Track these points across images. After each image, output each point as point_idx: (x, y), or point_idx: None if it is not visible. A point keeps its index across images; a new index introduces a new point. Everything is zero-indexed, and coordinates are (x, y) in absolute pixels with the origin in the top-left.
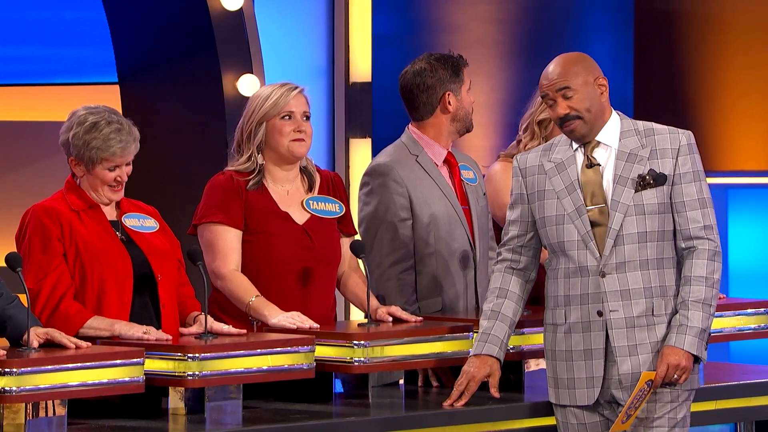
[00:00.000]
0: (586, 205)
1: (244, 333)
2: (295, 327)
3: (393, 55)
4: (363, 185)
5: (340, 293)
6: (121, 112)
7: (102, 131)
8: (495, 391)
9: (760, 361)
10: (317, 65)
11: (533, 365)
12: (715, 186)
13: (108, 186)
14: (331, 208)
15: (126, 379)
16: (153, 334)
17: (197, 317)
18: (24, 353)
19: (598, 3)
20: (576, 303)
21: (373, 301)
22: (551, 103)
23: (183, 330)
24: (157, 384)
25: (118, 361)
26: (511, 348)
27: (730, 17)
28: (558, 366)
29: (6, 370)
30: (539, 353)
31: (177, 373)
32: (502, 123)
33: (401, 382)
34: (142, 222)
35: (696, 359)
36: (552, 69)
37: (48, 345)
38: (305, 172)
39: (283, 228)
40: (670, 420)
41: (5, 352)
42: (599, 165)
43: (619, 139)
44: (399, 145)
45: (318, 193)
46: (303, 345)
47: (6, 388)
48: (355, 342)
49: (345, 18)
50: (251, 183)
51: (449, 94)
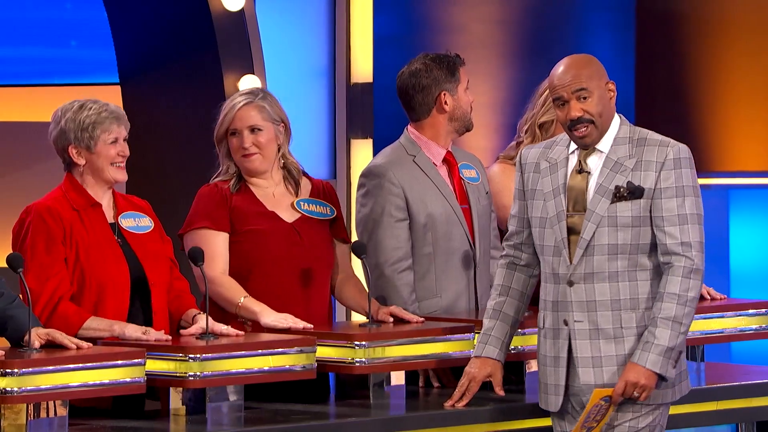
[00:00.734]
0: (567, 211)
1: (243, 334)
2: (288, 327)
3: (394, 56)
4: (360, 187)
5: (337, 301)
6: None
7: (91, 108)
8: (499, 389)
9: (761, 362)
10: (318, 66)
11: (534, 366)
12: (717, 187)
13: (112, 165)
14: (322, 210)
15: (127, 380)
16: (152, 334)
17: (196, 316)
18: (25, 354)
19: (599, 3)
20: (549, 309)
21: (374, 302)
22: (562, 104)
23: (183, 331)
24: (158, 385)
25: (119, 362)
26: (513, 349)
27: (731, 18)
28: (539, 369)
29: (7, 370)
30: None
31: (178, 374)
32: (503, 123)
33: (397, 382)
34: (137, 222)
35: (661, 377)
36: (566, 70)
37: (49, 346)
38: (288, 174)
39: (272, 226)
40: (630, 428)
41: (4, 352)
42: (588, 172)
43: (611, 146)
44: (396, 146)
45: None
46: (304, 346)
47: (7, 388)
48: (357, 343)
49: (346, 18)
50: (233, 185)
51: (445, 93)
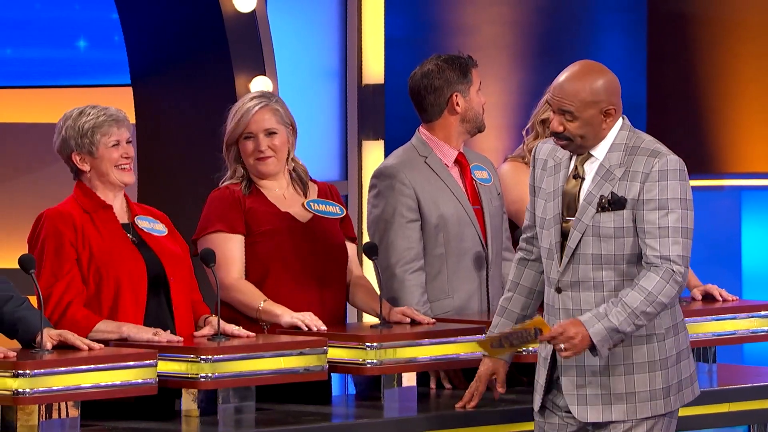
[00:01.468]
0: (563, 216)
1: (254, 335)
2: (306, 328)
3: (406, 57)
4: (371, 188)
5: (349, 303)
6: (134, 113)
7: (90, 114)
8: (500, 386)
9: None
10: (330, 67)
11: None
12: (729, 188)
13: (117, 168)
14: (332, 209)
15: (139, 381)
16: (163, 335)
17: (207, 319)
18: (37, 355)
19: (610, 4)
20: (546, 311)
21: (385, 304)
22: (552, 110)
23: (196, 332)
24: (170, 386)
25: (131, 363)
26: (524, 351)
27: (743, 19)
28: (537, 368)
29: (19, 371)
30: None
31: (190, 375)
32: (514, 125)
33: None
34: (152, 225)
35: (593, 348)
36: (565, 84)
37: (60, 347)
38: (296, 177)
39: (287, 226)
40: None
41: (15, 354)
42: (582, 178)
43: (606, 153)
44: (408, 147)
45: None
46: (316, 347)
47: (19, 389)
48: (368, 344)
49: (358, 20)
50: (243, 187)
51: (457, 95)
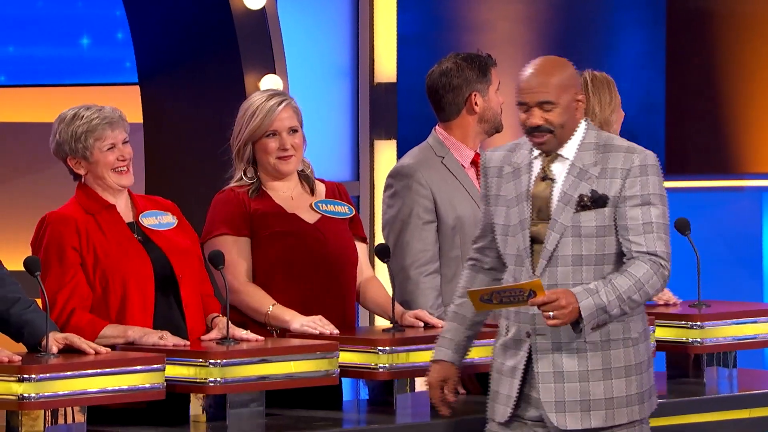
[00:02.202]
0: (531, 220)
1: (263, 339)
2: (317, 332)
3: (419, 55)
4: (387, 188)
5: (359, 305)
6: (142, 113)
7: (83, 117)
8: (450, 395)
9: None
10: (341, 65)
11: None
12: (750, 189)
13: (114, 171)
14: (341, 209)
15: (146, 386)
16: (169, 339)
17: (215, 319)
18: (42, 359)
19: (628, 1)
20: (513, 319)
21: (398, 306)
22: (525, 109)
23: (203, 336)
24: (178, 391)
25: (138, 368)
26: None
27: (764, 15)
28: (493, 377)
29: (25, 376)
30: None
31: (198, 380)
32: None
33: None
34: (159, 219)
35: (577, 324)
36: (535, 77)
37: (66, 350)
38: (303, 176)
39: (295, 227)
40: None
41: (21, 357)
42: (552, 180)
43: (576, 152)
44: (425, 147)
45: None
46: (327, 351)
47: (25, 394)
48: (380, 348)
49: (370, 17)
50: (251, 190)
51: (476, 94)
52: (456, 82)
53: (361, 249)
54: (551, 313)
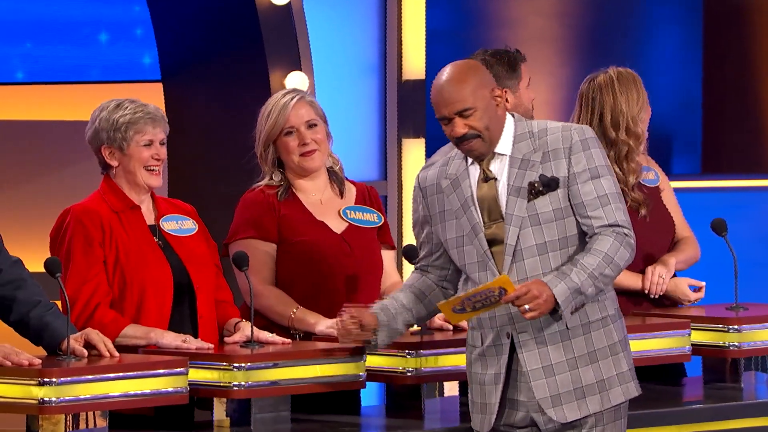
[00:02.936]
0: (484, 222)
1: (289, 342)
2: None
3: (448, 52)
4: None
5: None
6: (164, 110)
7: (127, 108)
8: (357, 332)
9: None
10: (368, 62)
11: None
12: None
13: (146, 169)
14: (370, 217)
15: (169, 390)
16: (192, 342)
17: (238, 324)
18: (63, 362)
19: None
20: (488, 326)
21: None
22: (446, 122)
23: (227, 338)
24: (202, 395)
25: (161, 371)
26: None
27: None
28: (473, 389)
29: (45, 379)
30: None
31: (222, 384)
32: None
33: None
34: (180, 224)
35: (555, 311)
36: (446, 87)
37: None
38: (333, 175)
39: (321, 237)
40: None
41: (41, 361)
42: (495, 179)
43: (513, 145)
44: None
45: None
46: (353, 354)
47: (45, 398)
48: (408, 351)
49: (398, 12)
50: (280, 193)
51: (506, 91)
52: None
53: (389, 256)
54: (526, 307)
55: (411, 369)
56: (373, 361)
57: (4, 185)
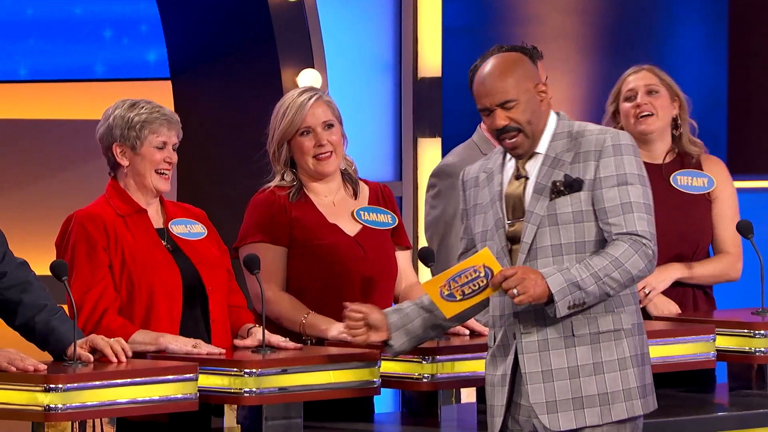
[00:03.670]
0: (508, 219)
1: (301, 346)
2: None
3: (465, 49)
4: (430, 187)
5: None
6: (174, 109)
7: (143, 107)
8: (362, 334)
9: None
10: (383, 59)
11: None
12: None
13: (156, 172)
14: (383, 219)
15: (179, 396)
16: (203, 347)
17: (251, 329)
18: (70, 368)
19: None
20: (499, 325)
21: None
22: (488, 114)
23: (238, 342)
24: (212, 401)
25: (170, 377)
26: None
27: None
28: (486, 390)
29: (51, 386)
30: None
31: (233, 390)
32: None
33: (468, 400)
34: (189, 228)
35: (550, 302)
36: (490, 79)
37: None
38: (346, 176)
39: (334, 239)
40: None
41: (47, 366)
42: (526, 177)
43: (549, 143)
44: (469, 145)
45: (368, 205)
46: (368, 360)
47: (51, 405)
48: (424, 357)
49: (413, 8)
50: (292, 194)
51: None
52: None
53: (404, 256)
54: (515, 291)
55: (427, 375)
56: (388, 367)
57: (7, 185)
